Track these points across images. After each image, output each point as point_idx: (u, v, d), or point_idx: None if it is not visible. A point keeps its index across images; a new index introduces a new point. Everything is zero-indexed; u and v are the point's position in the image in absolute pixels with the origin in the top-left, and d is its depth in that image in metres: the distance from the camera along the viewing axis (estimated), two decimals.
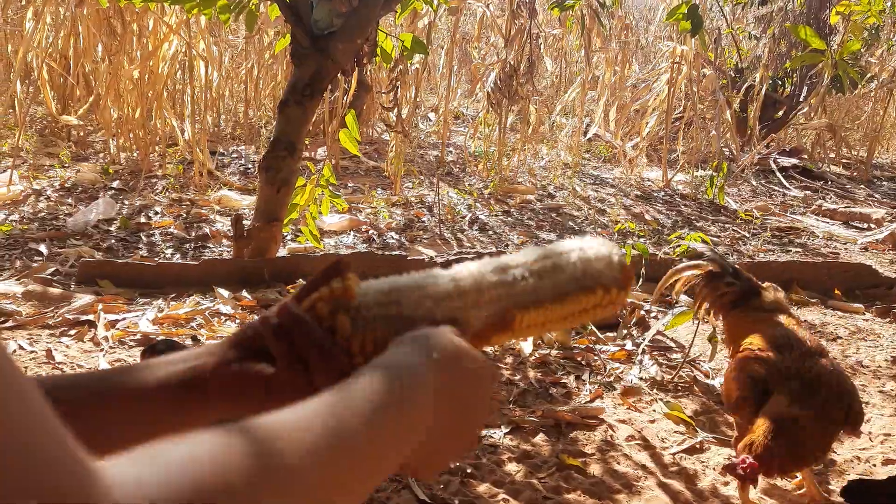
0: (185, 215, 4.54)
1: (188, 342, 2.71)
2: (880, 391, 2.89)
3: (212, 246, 4.09)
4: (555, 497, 2.06)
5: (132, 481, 0.32)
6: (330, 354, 0.56)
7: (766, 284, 2.48)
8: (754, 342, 2.03)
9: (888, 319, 3.66)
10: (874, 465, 2.38)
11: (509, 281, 0.64)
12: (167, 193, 4.94)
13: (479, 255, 3.48)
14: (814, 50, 3.32)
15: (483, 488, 2.04)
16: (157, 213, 4.57)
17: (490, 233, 4.77)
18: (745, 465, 1.74)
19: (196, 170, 5.14)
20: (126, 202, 4.69)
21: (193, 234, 4.24)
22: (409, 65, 5.07)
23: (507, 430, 2.34)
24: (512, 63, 5.05)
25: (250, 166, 5.81)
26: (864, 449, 2.48)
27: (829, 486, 2.25)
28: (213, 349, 0.59)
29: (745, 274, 2.29)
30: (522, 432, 2.34)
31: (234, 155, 6.12)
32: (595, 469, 2.19)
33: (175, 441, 0.36)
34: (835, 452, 2.46)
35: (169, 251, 3.96)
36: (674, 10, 3.84)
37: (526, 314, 0.63)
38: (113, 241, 4.04)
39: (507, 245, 4.52)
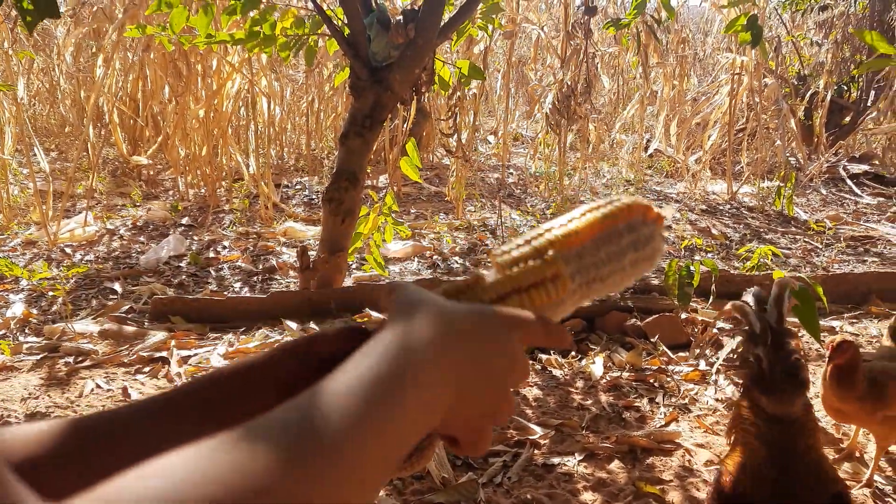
0: (252, 248, 4.65)
1: None
2: None
3: (279, 278, 4.16)
4: None
5: None
6: None
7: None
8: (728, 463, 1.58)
9: None
10: None
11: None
12: (234, 227, 5.07)
13: None
14: (881, 54, 3.21)
15: None
16: (225, 247, 4.69)
17: None
18: None
19: (262, 203, 5.27)
20: (195, 238, 4.83)
21: (261, 266, 4.33)
22: (466, 91, 5.11)
23: (581, 457, 2.30)
24: (569, 83, 5.03)
25: (314, 197, 5.92)
26: None
27: None
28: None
29: (793, 350, 1.53)
30: (597, 459, 2.30)
31: (298, 186, 6.25)
32: (674, 497, 2.12)
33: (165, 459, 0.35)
34: None
35: (237, 285, 4.06)
36: (732, 21, 3.77)
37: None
38: (184, 276, 4.16)
39: None
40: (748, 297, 1.62)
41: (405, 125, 5.75)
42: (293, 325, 3.16)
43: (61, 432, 0.51)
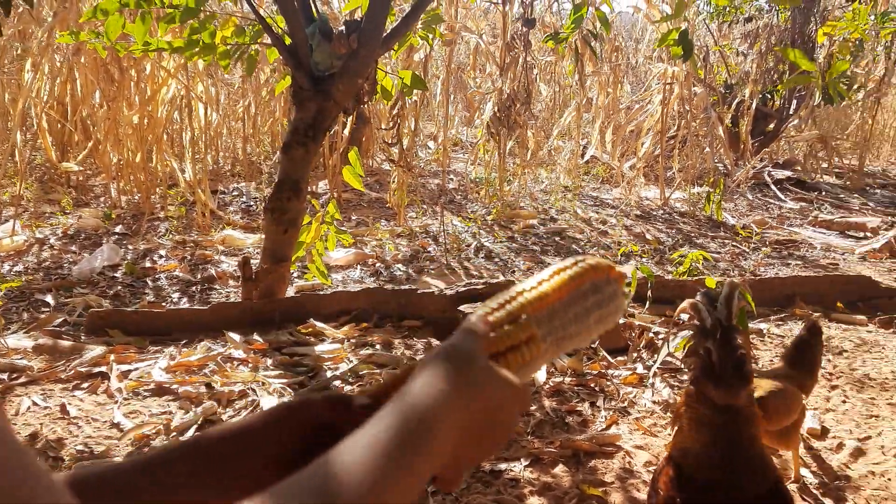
0: (189, 257, 4.57)
1: (202, 389, 2.73)
2: (889, 403, 2.91)
3: (219, 287, 4.11)
4: None
5: None
6: None
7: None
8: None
9: (891, 330, 3.69)
10: (889, 479, 2.40)
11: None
12: (171, 236, 4.97)
13: (488, 285, 3.50)
14: (802, 71, 3.39)
15: None
16: (161, 256, 4.59)
17: (496, 260, 4.81)
18: None
19: (198, 210, 5.18)
20: (130, 247, 4.72)
21: (199, 276, 4.26)
22: (408, 99, 5.14)
23: (527, 462, 2.36)
24: (508, 92, 5.12)
25: (252, 203, 5.85)
26: (877, 463, 2.50)
27: None
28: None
29: (740, 345, 1.62)
30: (542, 464, 2.36)
31: (235, 192, 6.17)
32: (616, 498, 2.20)
33: None
34: (848, 468, 2.47)
35: (176, 295, 3.99)
36: (665, 36, 3.91)
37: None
38: (119, 287, 4.06)
39: (513, 272, 4.55)
40: (701, 296, 1.70)
41: (345, 131, 5.75)
42: (236, 336, 3.13)
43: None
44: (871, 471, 2.45)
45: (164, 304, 3.80)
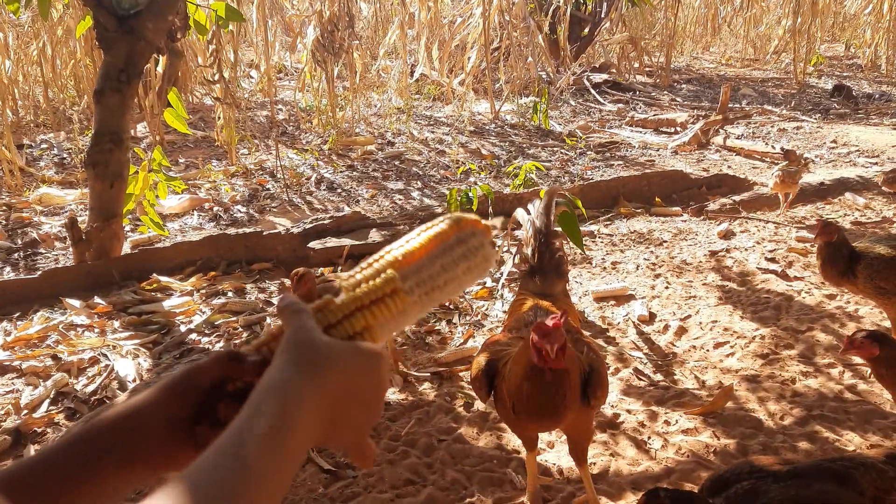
0: (5, 222, 4.19)
1: (48, 362, 2.59)
2: (704, 283, 3.28)
3: (45, 251, 3.82)
4: (447, 437, 2.22)
5: None
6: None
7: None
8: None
9: (702, 217, 4.11)
10: (707, 350, 2.74)
11: None
12: None
13: (335, 219, 3.50)
14: None
15: (383, 444, 2.17)
16: None
17: (339, 191, 4.78)
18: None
19: (5, 169, 4.73)
20: None
21: (20, 241, 3.94)
22: (225, 32, 4.87)
23: (399, 387, 2.47)
24: (329, 15, 4.98)
25: (65, 156, 5.40)
26: (697, 338, 2.84)
27: (675, 377, 2.57)
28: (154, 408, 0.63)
29: (558, 248, 2.18)
30: (410, 385, 2.48)
31: (44, 145, 5.65)
32: (479, 405, 2.37)
33: None
34: (674, 346, 2.79)
35: None
36: None
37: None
38: None
39: (357, 201, 4.56)
40: (528, 207, 2.19)
41: (158, 68, 5.38)
42: (76, 302, 2.96)
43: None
44: (693, 345, 2.78)
45: None
